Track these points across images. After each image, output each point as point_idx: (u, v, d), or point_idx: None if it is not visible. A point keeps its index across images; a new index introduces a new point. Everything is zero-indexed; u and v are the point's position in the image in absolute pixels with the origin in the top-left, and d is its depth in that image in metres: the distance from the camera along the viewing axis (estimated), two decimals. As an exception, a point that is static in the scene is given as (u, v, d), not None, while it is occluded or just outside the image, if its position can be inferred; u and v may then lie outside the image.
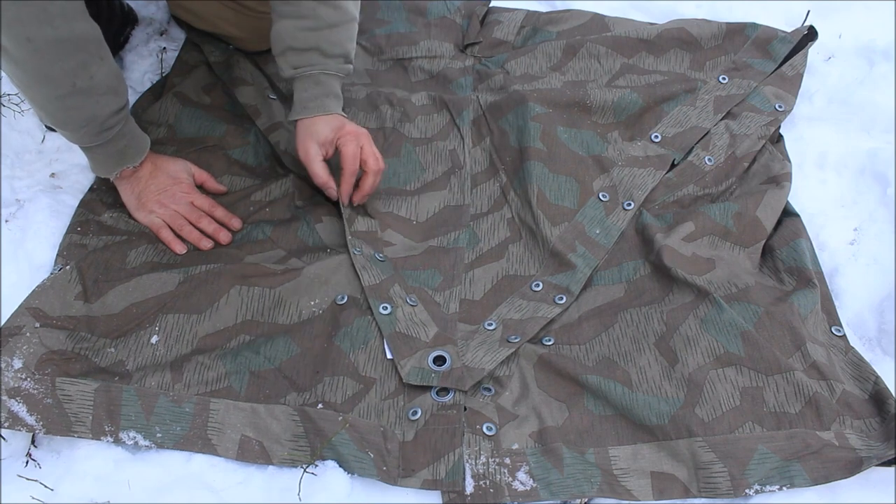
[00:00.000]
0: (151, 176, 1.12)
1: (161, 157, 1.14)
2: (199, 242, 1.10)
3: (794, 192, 1.20)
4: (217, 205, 1.14)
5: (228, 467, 0.90)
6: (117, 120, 1.03)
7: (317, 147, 1.10)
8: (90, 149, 1.06)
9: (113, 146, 1.06)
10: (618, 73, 1.38)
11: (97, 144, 1.04)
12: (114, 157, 1.07)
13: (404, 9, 1.51)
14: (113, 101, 1.01)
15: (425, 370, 0.96)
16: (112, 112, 1.02)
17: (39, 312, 0.98)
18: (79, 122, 1.00)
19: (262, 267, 1.05)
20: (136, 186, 1.11)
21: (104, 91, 0.99)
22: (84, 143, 1.04)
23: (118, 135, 1.05)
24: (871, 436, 0.91)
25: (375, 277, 1.05)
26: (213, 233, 1.11)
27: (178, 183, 1.13)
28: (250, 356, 0.98)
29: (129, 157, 1.08)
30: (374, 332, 1.00)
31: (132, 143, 1.08)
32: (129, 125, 1.07)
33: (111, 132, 1.03)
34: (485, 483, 0.88)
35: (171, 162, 1.15)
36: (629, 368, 0.98)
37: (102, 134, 1.03)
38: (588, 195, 1.20)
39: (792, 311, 1.00)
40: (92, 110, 0.99)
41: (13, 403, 0.89)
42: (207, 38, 1.40)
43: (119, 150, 1.06)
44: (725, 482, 0.87)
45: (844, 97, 1.36)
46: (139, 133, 1.10)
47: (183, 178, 1.14)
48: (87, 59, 0.95)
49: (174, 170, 1.14)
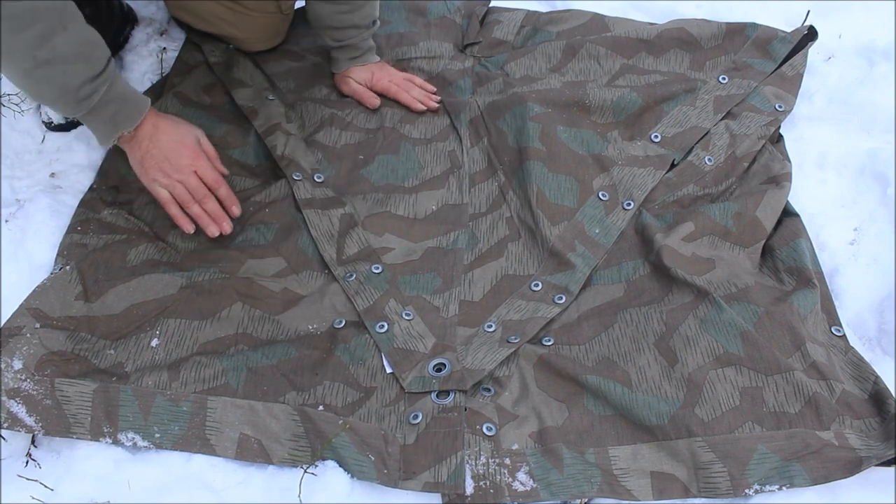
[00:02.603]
0: (151, 140, 1.07)
1: (164, 119, 1.10)
2: (206, 228, 1.09)
3: (794, 192, 1.20)
4: (222, 181, 1.11)
5: (228, 467, 0.90)
6: (93, 88, 0.99)
7: (356, 83, 1.35)
8: (82, 119, 1.03)
9: (100, 114, 1.02)
10: (617, 73, 1.38)
11: (84, 114, 1.01)
12: (106, 124, 1.04)
13: (404, 8, 1.51)
14: (84, 69, 0.98)
15: (426, 378, 0.97)
16: (85, 80, 0.98)
17: (39, 313, 0.98)
18: (52, 94, 0.98)
19: (264, 289, 1.06)
20: (136, 151, 1.08)
21: (71, 60, 0.96)
22: (69, 114, 1.01)
23: (102, 101, 1.01)
24: (871, 436, 0.91)
25: (369, 299, 1.06)
26: (217, 219, 1.10)
27: (183, 146, 1.09)
28: (248, 353, 0.98)
29: (121, 122, 1.04)
30: (373, 349, 1.01)
31: (122, 107, 1.04)
32: (115, 90, 1.03)
33: (91, 100, 1.00)
34: (485, 483, 0.88)
35: (176, 125, 1.11)
36: (629, 368, 0.98)
37: (82, 103, 1.00)
38: (588, 194, 1.20)
39: (792, 311, 1.00)
40: (62, 80, 0.97)
41: (13, 404, 0.89)
42: (207, 39, 1.40)
43: (109, 116, 1.03)
44: (725, 482, 0.87)
45: (844, 97, 1.36)
46: (131, 96, 1.06)
47: (188, 141, 1.10)
48: (46, 30, 0.92)
49: (179, 133, 1.10)
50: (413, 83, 1.36)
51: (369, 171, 1.24)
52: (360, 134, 1.30)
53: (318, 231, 1.14)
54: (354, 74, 1.35)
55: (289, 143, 1.24)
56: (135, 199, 1.17)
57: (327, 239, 1.13)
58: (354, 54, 1.34)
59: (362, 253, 1.12)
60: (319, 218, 1.15)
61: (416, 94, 1.35)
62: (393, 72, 1.37)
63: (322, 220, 1.15)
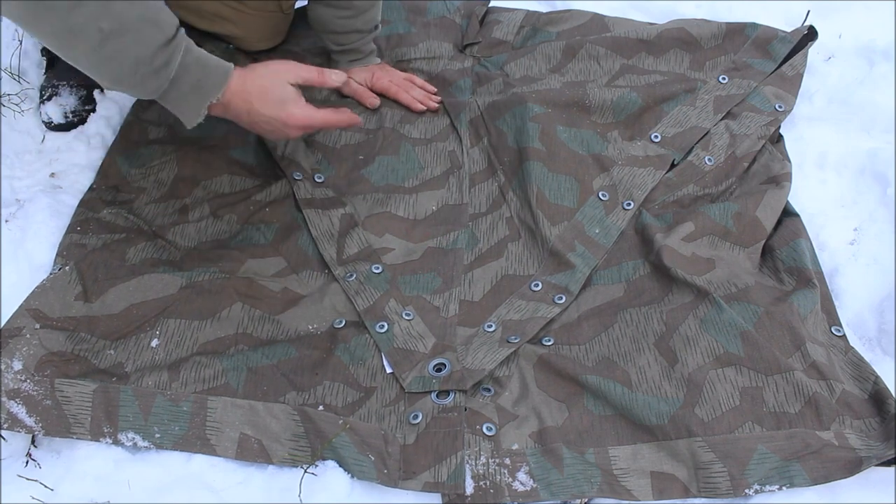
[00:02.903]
0: (250, 115, 1.01)
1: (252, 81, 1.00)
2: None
3: (794, 192, 1.20)
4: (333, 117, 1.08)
5: (228, 467, 0.90)
6: (169, 53, 0.92)
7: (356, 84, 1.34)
8: (163, 97, 0.96)
9: (183, 83, 0.95)
10: (617, 73, 1.38)
11: (166, 88, 0.94)
12: (191, 95, 0.97)
13: (404, 8, 1.51)
14: (154, 33, 0.91)
15: (426, 378, 0.97)
16: (158, 47, 0.91)
17: (39, 313, 0.98)
18: (129, 70, 0.91)
19: (264, 289, 1.06)
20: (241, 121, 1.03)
21: (140, 26, 0.89)
22: (149, 93, 0.94)
23: (182, 69, 0.94)
24: (871, 436, 0.91)
25: (369, 299, 1.06)
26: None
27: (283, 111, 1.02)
28: (248, 353, 0.98)
29: (208, 89, 0.97)
30: (373, 349, 1.01)
31: (206, 73, 0.97)
32: (192, 54, 0.95)
33: (170, 68, 0.93)
34: (485, 483, 0.88)
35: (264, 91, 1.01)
36: (629, 368, 0.98)
37: (161, 73, 0.92)
38: (588, 194, 1.20)
39: (792, 311, 1.00)
40: (135, 51, 0.90)
41: (13, 405, 0.89)
42: (207, 39, 1.40)
43: (193, 84, 0.96)
44: (725, 482, 0.87)
45: (844, 97, 1.36)
46: (211, 60, 0.98)
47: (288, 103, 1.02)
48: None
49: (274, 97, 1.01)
50: (413, 83, 1.36)
51: (369, 171, 1.24)
52: (360, 134, 1.30)
53: (319, 231, 1.14)
54: (354, 75, 1.35)
55: (289, 144, 1.24)
56: (135, 199, 1.18)
57: (327, 239, 1.13)
58: (355, 57, 1.35)
59: (362, 253, 1.12)
60: (320, 218, 1.15)
61: (416, 94, 1.35)
62: (393, 72, 1.37)
63: (322, 219, 1.15)
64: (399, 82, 1.35)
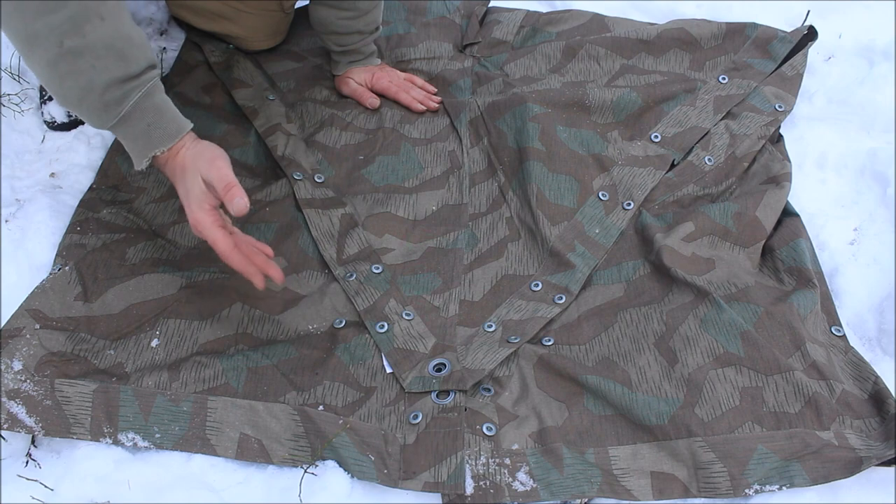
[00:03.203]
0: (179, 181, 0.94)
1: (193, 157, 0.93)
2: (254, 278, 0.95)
3: (794, 192, 1.20)
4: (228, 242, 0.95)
5: (228, 467, 0.90)
6: (125, 91, 0.88)
7: (356, 84, 1.35)
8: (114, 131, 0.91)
9: (132, 125, 0.90)
10: (617, 73, 1.38)
11: (113, 125, 0.90)
12: (138, 140, 0.92)
13: (404, 9, 1.51)
14: (115, 66, 0.86)
15: (426, 378, 0.97)
16: (114, 80, 0.87)
17: (39, 314, 0.98)
18: (77, 92, 0.87)
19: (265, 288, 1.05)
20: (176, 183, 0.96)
21: (102, 54, 0.85)
22: (98, 123, 0.90)
23: (135, 110, 0.89)
24: (871, 436, 0.91)
25: (369, 299, 1.06)
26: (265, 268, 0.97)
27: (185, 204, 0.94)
28: (248, 353, 0.98)
29: (156, 140, 0.92)
30: (373, 349, 1.01)
31: (158, 121, 0.92)
32: (152, 101, 0.91)
33: (122, 106, 0.88)
34: (485, 483, 0.88)
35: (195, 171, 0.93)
36: (629, 368, 0.98)
37: (110, 109, 0.88)
38: (587, 194, 1.20)
39: (791, 311, 1.00)
40: (88, 76, 0.85)
41: (13, 405, 0.89)
42: (207, 38, 1.40)
43: (142, 130, 0.91)
44: (725, 482, 0.87)
45: (844, 97, 1.36)
46: (170, 113, 0.93)
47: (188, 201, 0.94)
48: (80, 15, 0.82)
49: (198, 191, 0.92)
50: (413, 83, 1.36)
51: (369, 171, 1.24)
52: (360, 134, 1.30)
53: (319, 230, 1.14)
54: (354, 75, 1.35)
55: (289, 144, 1.24)
56: (135, 198, 1.18)
57: (328, 238, 1.13)
58: (356, 59, 1.35)
59: (362, 253, 1.12)
60: (320, 217, 1.15)
61: (416, 94, 1.35)
62: (393, 72, 1.37)
63: (322, 219, 1.15)
64: (399, 83, 1.35)
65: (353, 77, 1.35)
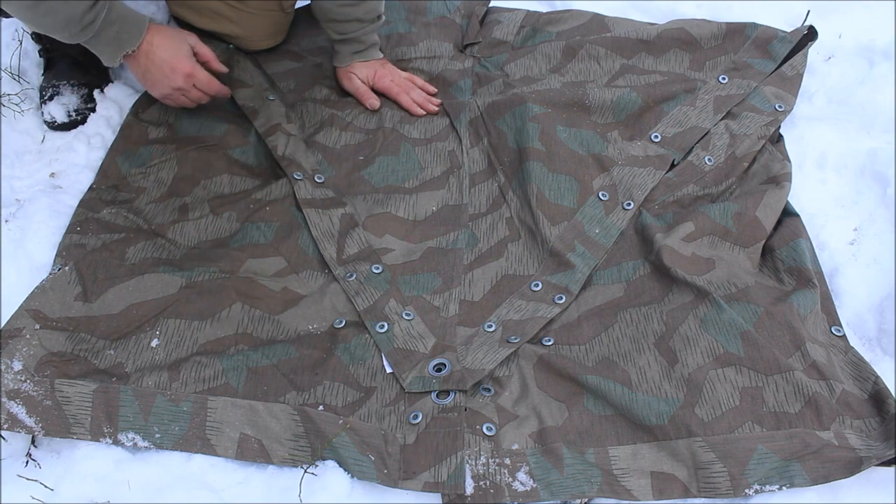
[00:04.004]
0: (149, 57, 1.17)
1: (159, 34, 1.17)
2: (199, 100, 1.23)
3: (794, 192, 1.20)
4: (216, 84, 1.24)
5: (228, 467, 0.90)
6: (95, 13, 1.07)
7: (359, 81, 1.35)
8: (88, 43, 1.11)
9: (104, 36, 1.11)
10: (617, 73, 1.38)
11: (88, 39, 1.10)
12: (110, 45, 1.13)
13: (404, 8, 1.51)
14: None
15: (426, 378, 0.97)
16: (87, 8, 1.06)
17: (39, 314, 0.98)
18: (58, 25, 1.06)
19: (264, 288, 1.06)
20: (138, 68, 1.19)
21: None
22: (76, 41, 1.09)
23: (105, 24, 1.09)
24: (871, 436, 0.91)
25: (369, 299, 1.06)
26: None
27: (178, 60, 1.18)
28: (248, 353, 0.98)
29: (125, 41, 1.14)
30: (373, 349, 1.01)
31: (124, 27, 1.13)
32: (114, 12, 1.11)
33: (95, 25, 1.08)
34: (485, 483, 0.88)
35: (169, 38, 1.18)
36: (629, 368, 0.98)
37: (87, 29, 1.08)
38: (587, 194, 1.20)
39: (791, 311, 1.00)
40: (65, 12, 1.04)
41: (13, 405, 0.89)
42: (208, 38, 1.40)
43: (112, 37, 1.12)
44: (725, 482, 0.87)
45: (844, 97, 1.36)
46: (130, 16, 1.14)
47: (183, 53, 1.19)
48: None
49: (173, 47, 1.18)
50: (414, 83, 1.36)
51: (369, 171, 1.24)
52: (360, 134, 1.30)
53: (319, 230, 1.14)
54: (357, 71, 1.35)
55: (289, 144, 1.24)
56: (135, 198, 1.18)
57: (328, 238, 1.13)
58: (358, 48, 1.34)
59: (362, 253, 1.12)
60: (320, 217, 1.15)
61: (417, 96, 1.35)
62: (395, 71, 1.36)
63: (322, 219, 1.15)
64: (400, 83, 1.35)
65: (356, 72, 1.34)
